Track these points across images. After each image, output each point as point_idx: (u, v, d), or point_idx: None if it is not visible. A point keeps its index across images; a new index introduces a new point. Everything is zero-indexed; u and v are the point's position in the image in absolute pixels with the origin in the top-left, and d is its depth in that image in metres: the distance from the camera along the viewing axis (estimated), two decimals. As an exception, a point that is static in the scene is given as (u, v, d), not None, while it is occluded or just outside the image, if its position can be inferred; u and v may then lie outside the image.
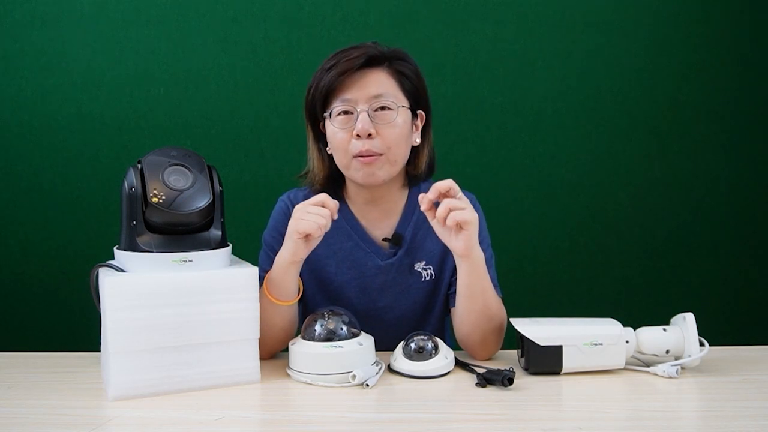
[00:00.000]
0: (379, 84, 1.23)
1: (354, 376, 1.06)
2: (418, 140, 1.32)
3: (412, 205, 1.35)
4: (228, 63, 2.14)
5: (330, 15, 2.14)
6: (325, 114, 1.26)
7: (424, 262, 1.33)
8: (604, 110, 2.21)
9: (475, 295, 1.21)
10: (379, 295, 1.34)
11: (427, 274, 1.34)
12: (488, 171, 2.20)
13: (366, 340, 1.13)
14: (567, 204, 2.24)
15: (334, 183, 1.35)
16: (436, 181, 1.39)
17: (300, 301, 1.30)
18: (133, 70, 2.13)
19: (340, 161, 1.28)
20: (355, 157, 1.24)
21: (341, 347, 1.09)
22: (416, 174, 1.35)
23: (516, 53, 2.18)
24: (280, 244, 1.23)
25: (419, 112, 1.32)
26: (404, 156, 1.29)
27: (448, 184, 1.14)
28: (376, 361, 1.13)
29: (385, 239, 1.33)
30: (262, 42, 2.14)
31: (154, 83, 2.13)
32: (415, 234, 1.34)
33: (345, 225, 1.33)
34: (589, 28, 2.18)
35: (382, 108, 1.23)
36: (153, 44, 2.12)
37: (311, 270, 1.34)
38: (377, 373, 1.09)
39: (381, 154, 1.24)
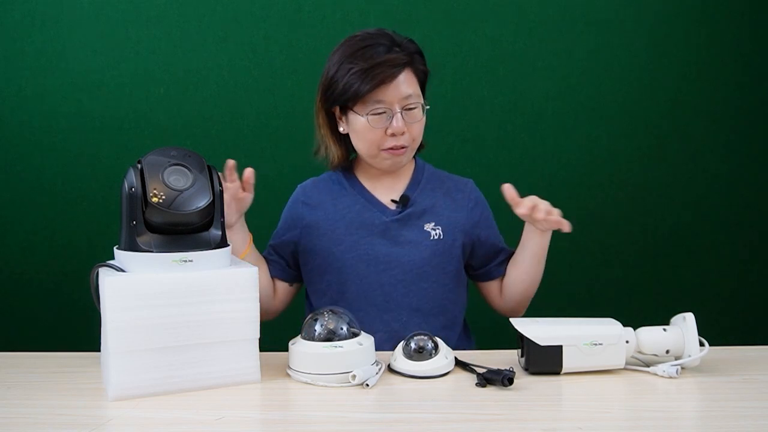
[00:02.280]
0: (409, 85, 1.33)
1: (354, 376, 1.06)
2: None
3: (418, 176, 1.46)
4: (228, 63, 2.14)
5: (330, 15, 2.14)
6: (360, 114, 1.33)
7: (432, 223, 1.41)
8: (604, 110, 2.21)
9: (542, 260, 1.44)
10: (389, 250, 1.39)
11: (436, 233, 1.41)
12: (488, 171, 2.19)
13: (366, 340, 1.13)
14: (567, 204, 2.21)
15: (348, 160, 1.47)
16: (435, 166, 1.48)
17: (310, 277, 1.45)
18: (133, 70, 2.13)
19: (367, 152, 1.37)
20: (384, 150, 1.35)
21: (341, 347, 1.09)
22: (420, 150, 1.47)
23: (516, 53, 2.18)
24: (283, 228, 1.47)
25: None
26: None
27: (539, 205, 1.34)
28: (376, 361, 1.13)
29: (393, 200, 1.42)
30: (262, 42, 2.14)
31: (154, 83, 2.13)
32: (422, 198, 1.43)
33: (353, 192, 1.43)
34: (589, 28, 2.18)
35: (411, 108, 1.33)
36: (153, 44, 2.12)
37: (323, 233, 1.41)
38: (377, 373, 1.09)
39: (406, 146, 1.35)
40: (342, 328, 1.12)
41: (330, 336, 1.11)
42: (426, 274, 1.40)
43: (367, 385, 1.06)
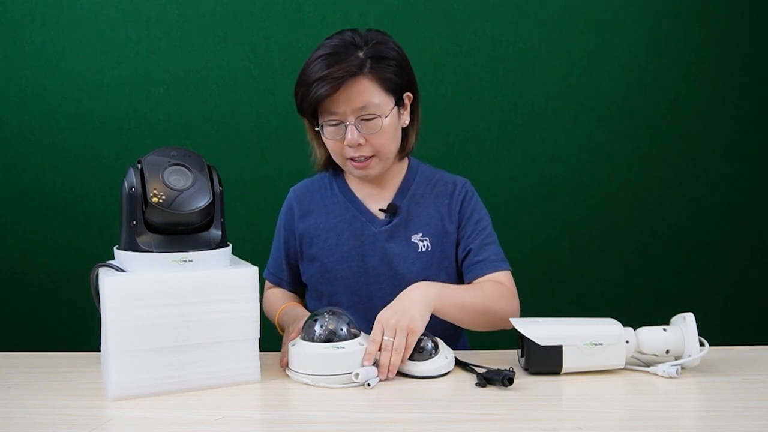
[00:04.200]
0: (363, 95, 1.25)
1: (357, 375, 1.06)
2: (407, 121, 1.37)
3: (408, 181, 1.42)
4: (228, 63, 2.14)
5: (330, 15, 2.14)
6: (316, 128, 1.33)
7: (420, 234, 1.38)
8: (604, 110, 2.21)
9: (455, 317, 1.25)
10: (379, 263, 1.37)
11: (424, 245, 1.37)
12: (488, 171, 2.20)
13: (366, 341, 1.12)
14: (567, 204, 2.23)
15: (334, 162, 1.40)
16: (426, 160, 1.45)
17: (304, 282, 1.44)
18: (133, 70, 2.13)
19: (336, 160, 1.36)
20: (348, 159, 1.32)
21: (343, 348, 1.09)
22: (408, 151, 1.41)
23: (516, 53, 2.18)
24: (282, 232, 1.45)
25: (406, 94, 1.34)
26: (395, 149, 1.35)
27: (373, 347, 1.12)
28: (376, 362, 1.13)
29: (381, 209, 1.39)
30: (262, 42, 2.14)
31: (154, 83, 2.13)
32: (410, 206, 1.39)
33: (343, 199, 1.41)
34: (589, 28, 2.18)
35: (368, 118, 1.27)
36: (153, 44, 2.12)
37: (315, 243, 1.40)
38: (378, 374, 1.09)
39: (373, 156, 1.31)
40: (342, 329, 1.12)
41: (330, 337, 1.10)
42: None
43: (369, 385, 1.06)
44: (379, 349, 1.11)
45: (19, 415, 0.98)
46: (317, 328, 1.12)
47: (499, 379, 1.06)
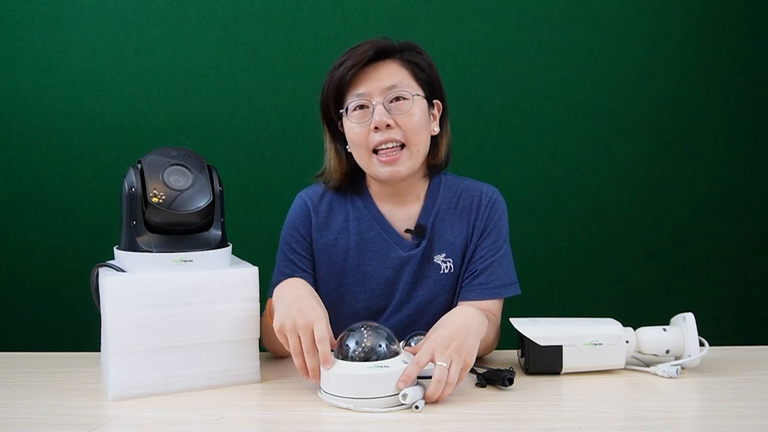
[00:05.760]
0: (392, 75, 1.23)
1: (405, 396, 0.97)
2: (437, 129, 1.32)
3: (433, 195, 1.35)
4: (228, 63, 2.14)
5: (330, 15, 2.14)
6: (341, 111, 1.26)
7: (443, 255, 1.32)
8: (604, 110, 2.21)
9: None
10: (404, 285, 1.32)
11: (447, 267, 1.32)
12: (488, 171, 2.19)
13: (409, 357, 1.04)
14: (567, 204, 2.23)
15: (352, 179, 1.35)
16: (451, 170, 1.43)
17: (325, 293, 1.32)
18: (133, 70, 2.13)
19: (360, 158, 1.27)
20: (374, 151, 1.24)
21: (387, 366, 0.99)
22: (437, 164, 1.35)
23: (516, 53, 2.18)
24: (298, 242, 1.32)
25: (435, 101, 1.31)
26: (425, 146, 1.28)
27: (414, 370, 1.00)
28: (418, 381, 1.03)
29: (407, 230, 1.33)
30: (262, 42, 2.14)
31: (154, 83, 2.13)
32: (435, 225, 1.33)
33: (367, 216, 1.33)
34: (589, 28, 2.18)
35: (397, 99, 1.22)
36: (153, 44, 2.12)
37: (335, 261, 1.33)
38: (423, 397, 1.01)
39: (402, 144, 1.23)
40: (381, 345, 1.02)
41: (369, 355, 1.00)
42: (431, 308, 1.33)
43: (417, 407, 0.97)
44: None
45: (19, 415, 0.98)
46: (352, 344, 1.01)
47: (499, 379, 1.06)
